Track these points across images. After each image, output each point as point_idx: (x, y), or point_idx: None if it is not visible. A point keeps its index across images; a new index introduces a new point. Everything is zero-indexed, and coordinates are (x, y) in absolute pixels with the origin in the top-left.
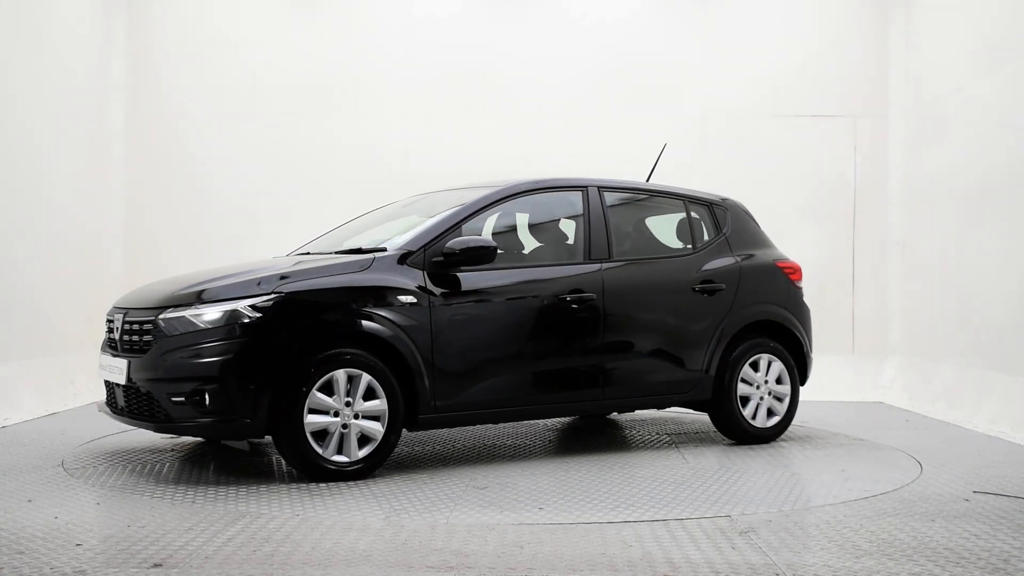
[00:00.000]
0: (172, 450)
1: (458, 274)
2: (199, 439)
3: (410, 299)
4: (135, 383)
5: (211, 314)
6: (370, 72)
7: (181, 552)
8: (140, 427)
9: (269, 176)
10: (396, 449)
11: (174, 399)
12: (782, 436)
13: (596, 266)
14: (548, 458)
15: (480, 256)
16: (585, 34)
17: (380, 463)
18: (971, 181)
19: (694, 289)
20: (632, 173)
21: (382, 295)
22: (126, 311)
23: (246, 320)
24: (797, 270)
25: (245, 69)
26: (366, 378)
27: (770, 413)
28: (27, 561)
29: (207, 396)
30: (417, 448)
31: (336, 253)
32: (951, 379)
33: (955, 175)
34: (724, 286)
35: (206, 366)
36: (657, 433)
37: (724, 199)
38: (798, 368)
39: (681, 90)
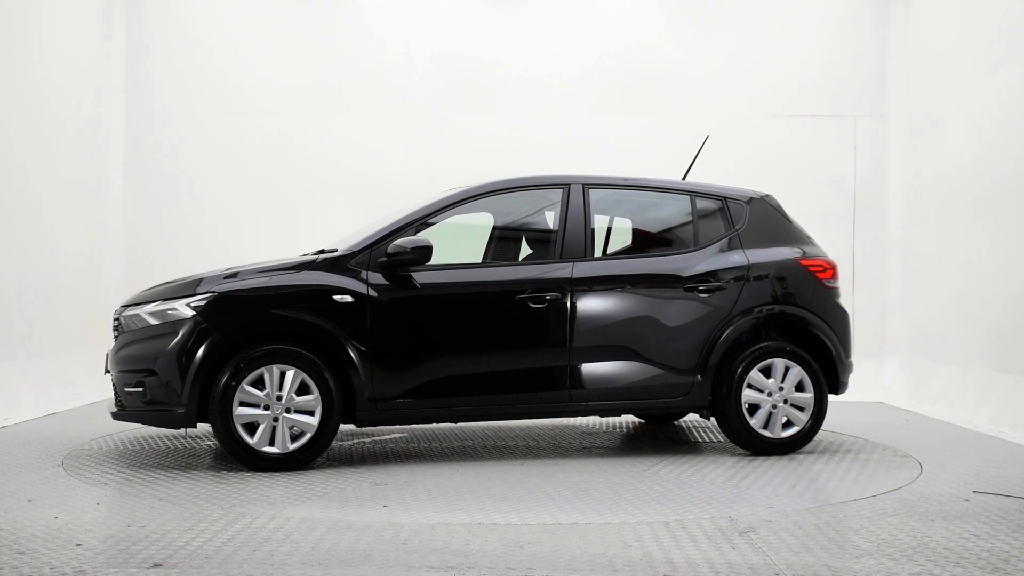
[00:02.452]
0: (174, 448)
1: (412, 273)
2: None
3: (346, 298)
4: (109, 373)
5: (157, 311)
6: (371, 72)
7: (181, 552)
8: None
9: (270, 176)
10: (413, 445)
11: (127, 389)
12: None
13: (567, 265)
14: (548, 459)
15: (420, 256)
16: (585, 36)
17: (315, 456)
18: (971, 181)
19: (686, 289)
20: (632, 171)
21: (316, 294)
22: (116, 308)
23: (182, 317)
24: (828, 268)
25: (245, 68)
26: (298, 374)
27: (788, 423)
28: (27, 561)
29: (147, 387)
30: (423, 445)
31: (309, 255)
32: (951, 379)
33: (955, 175)
34: (725, 285)
35: (147, 359)
36: (660, 435)
37: (753, 193)
38: (827, 375)
39: (680, 89)
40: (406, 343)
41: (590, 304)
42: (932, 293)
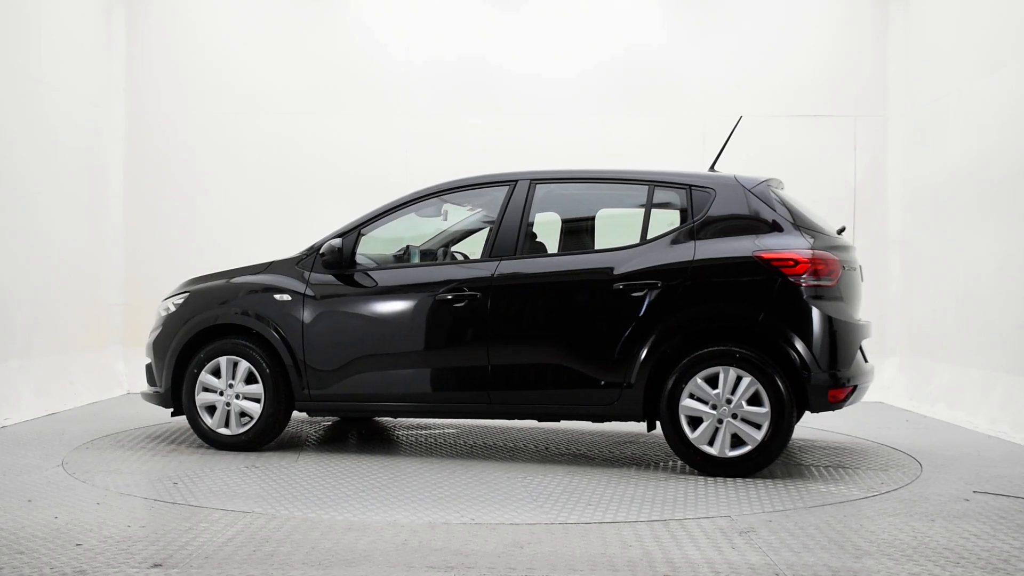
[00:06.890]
0: (174, 447)
1: (368, 273)
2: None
3: (285, 297)
4: None
5: (164, 306)
6: (371, 73)
7: (181, 552)
8: None
9: (270, 176)
10: (430, 441)
11: (145, 373)
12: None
13: (492, 264)
14: (548, 460)
15: (340, 256)
16: (585, 37)
17: (266, 440)
18: (971, 181)
19: (616, 289)
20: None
21: (262, 293)
22: None
23: (167, 312)
24: (800, 263)
25: (245, 69)
26: (244, 364)
27: (738, 442)
28: (27, 561)
29: (147, 371)
30: (433, 442)
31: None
32: (951, 379)
33: (955, 175)
34: (659, 284)
35: (149, 348)
36: (658, 434)
37: (727, 179)
38: (795, 388)
39: (681, 89)
40: (336, 340)
41: (509, 304)
42: (932, 293)
